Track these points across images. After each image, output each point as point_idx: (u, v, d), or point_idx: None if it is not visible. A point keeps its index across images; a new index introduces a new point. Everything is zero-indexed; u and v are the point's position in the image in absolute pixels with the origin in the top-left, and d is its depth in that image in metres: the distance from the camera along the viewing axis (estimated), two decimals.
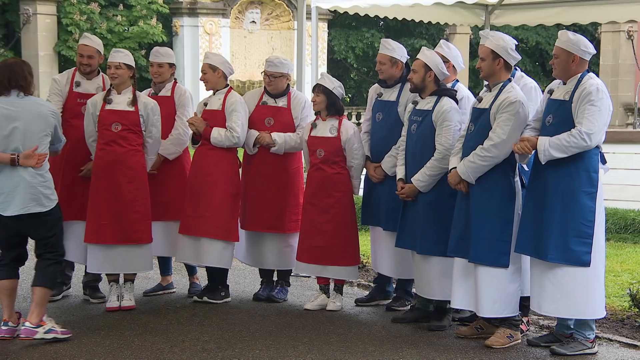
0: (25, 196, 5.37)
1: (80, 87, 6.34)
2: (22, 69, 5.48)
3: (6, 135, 5.36)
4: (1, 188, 5.38)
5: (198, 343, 5.43)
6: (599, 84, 5.15)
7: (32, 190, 5.38)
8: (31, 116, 5.42)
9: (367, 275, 7.39)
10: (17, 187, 5.35)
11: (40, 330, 5.36)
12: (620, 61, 23.41)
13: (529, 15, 9.60)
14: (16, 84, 5.43)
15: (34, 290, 5.46)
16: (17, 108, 5.41)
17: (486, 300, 5.38)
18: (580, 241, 5.13)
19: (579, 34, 5.31)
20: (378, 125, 6.28)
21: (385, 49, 6.23)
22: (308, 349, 5.34)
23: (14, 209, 5.36)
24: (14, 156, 5.34)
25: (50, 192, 5.48)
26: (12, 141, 5.37)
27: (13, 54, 20.95)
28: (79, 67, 6.39)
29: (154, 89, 6.58)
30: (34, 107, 5.46)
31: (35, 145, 5.38)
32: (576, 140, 5.06)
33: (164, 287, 6.80)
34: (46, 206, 5.43)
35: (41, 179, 5.42)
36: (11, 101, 5.43)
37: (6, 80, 5.43)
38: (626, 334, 5.75)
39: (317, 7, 8.44)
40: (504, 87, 5.43)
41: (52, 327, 5.42)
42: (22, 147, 5.38)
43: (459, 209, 5.55)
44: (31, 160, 5.37)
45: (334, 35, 26.05)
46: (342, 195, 6.29)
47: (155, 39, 21.06)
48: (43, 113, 5.48)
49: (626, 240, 9.10)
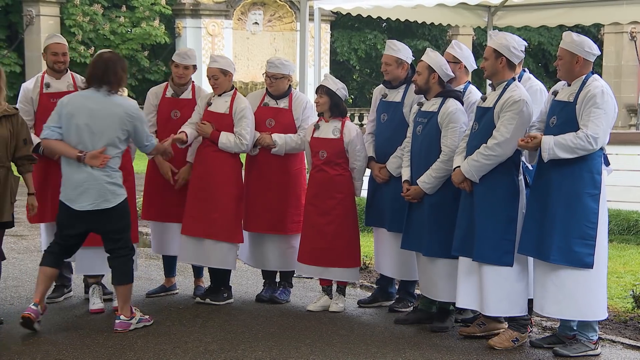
0: (94, 192, 5.50)
1: (51, 88, 6.32)
2: (116, 65, 5.58)
3: (78, 129, 5.48)
4: (70, 181, 5.53)
5: (201, 344, 5.43)
6: (603, 86, 5.14)
7: (100, 187, 5.51)
8: (106, 115, 5.51)
9: (369, 277, 7.39)
10: (85, 182, 5.49)
11: (133, 322, 5.66)
12: (623, 62, 23.40)
13: (532, 16, 9.61)
14: (107, 80, 5.53)
15: (117, 289, 5.69)
16: (97, 105, 5.52)
17: (492, 299, 5.38)
18: (583, 243, 5.12)
19: (581, 35, 5.31)
20: (383, 126, 6.28)
21: (391, 50, 6.22)
22: (310, 350, 5.34)
23: (83, 204, 5.50)
24: (80, 154, 5.46)
25: (117, 187, 5.59)
26: (82, 136, 5.48)
27: (16, 55, 21.01)
28: (53, 67, 6.34)
29: (175, 91, 6.53)
30: (111, 107, 5.53)
31: (103, 147, 5.49)
32: (582, 143, 5.06)
33: (167, 288, 6.80)
34: (113, 202, 5.54)
35: (108, 176, 5.51)
36: (95, 97, 5.54)
37: (100, 74, 5.53)
38: (629, 336, 5.74)
39: (319, 9, 8.45)
40: (508, 86, 5.43)
41: (140, 316, 5.73)
42: (91, 144, 5.48)
43: (463, 208, 5.55)
44: (96, 161, 5.48)
45: (337, 36, 26.06)
46: (344, 196, 6.29)
47: (157, 41, 21.10)
48: (118, 114, 5.54)
49: (629, 242, 9.09)
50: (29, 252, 8.41)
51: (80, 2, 20.96)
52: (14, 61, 20.88)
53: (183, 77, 6.48)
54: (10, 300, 6.51)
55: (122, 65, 5.62)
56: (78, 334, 5.59)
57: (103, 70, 5.52)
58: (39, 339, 5.48)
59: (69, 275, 6.64)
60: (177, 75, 6.50)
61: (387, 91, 6.30)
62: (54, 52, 6.33)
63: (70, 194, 5.54)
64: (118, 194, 5.58)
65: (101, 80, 5.52)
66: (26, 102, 6.30)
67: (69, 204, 5.55)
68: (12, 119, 5.73)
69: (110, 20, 21.50)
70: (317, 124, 6.32)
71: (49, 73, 6.39)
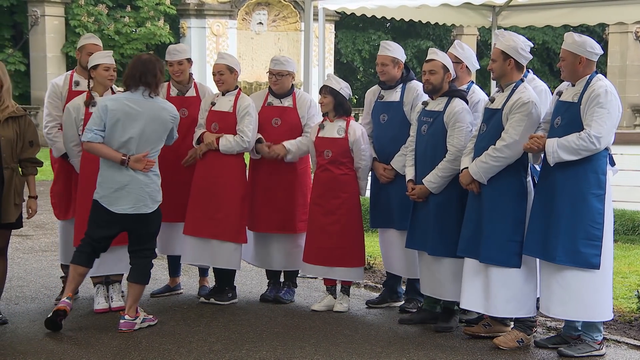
0: (134, 196, 5.55)
1: (80, 86, 6.34)
2: (154, 66, 5.59)
3: (123, 133, 5.50)
4: (111, 182, 5.56)
5: (205, 344, 5.44)
6: (607, 86, 5.13)
7: (140, 192, 5.56)
8: (150, 120, 5.54)
9: (373, 277, 7.39)
10: (127, 186, 5.54)
11: (137, 321, 5.67)
12: (628, 62, 23.37)
13: (537, 16, 9.58)
14: (145, 81, 5.54)
15: (130, 286, 5.71)
16: (140, 108, 5.54)
17: (499, 300, 5.37)
18: (589, 243, 5.11)
19: (586, 34, 5.29)
20: (384, 127, 6.27)
21: (386, 50, 6.24)
22: (315, 350, 5.34)
23: (123, 207, 5.55)
24: (124, 157, 5.50)
25: (157, 193, 5.64)
26: (126, 140, 5.51)
27: (21, 55, 21.05)
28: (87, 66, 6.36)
29: (179, 90, 6.53)
30: (155, 111, 5.56)
31: (146, 151, 5.53)
32: (585, 144, 5.05)
33: (171, 288, 6.81)
34: (151, 207, 5.61)
35: (150, 180, 5.58)
36: (136, 99, 5.55)
37: (138, 75, 5.54)
38: (634, 336, 5.73)
39: (324, 9, 8.44)
40: (516, 87, 5.42)
41: (145, 316, 5.74)
42: (135, 148, 5.51)
43: (470, 209, 5.54)
44: (140, 165, 5.53)
45: (341, 37, 26.06)
46: (349, 196, 6.28)
47: (162, 40, 21.10)
48: (163, 118, 5.59)
49: (634, 242, 9.07)
50: (34, 252, 8.43)
51: (85, 3, 20.98)
52: (19, 60, 20.92)
53: (179, 73, 6.48)
54: (15, 300, 6.52)
55: (160, 67, 5.64)
56: (83, 334, 5.60)
57: (141, 72, 5.54)
58: (44, 339, 5.49)
59: None
60: (173, 73, 6.51)
61: (383, 92, 6.31)
62: (89, 52, 6.32)
63: (110, 196, 5.57)
64: (157, 200, 5.65)
65: (139, 81, 5.54)
66: (56, 98, 6.33)
67: (107, 206, 5.57)
68: (19, 120, 5.73)
69: (115, 20, 21.51)
70: (322, 124, 6.32)
71: (78, 72, 6.42)
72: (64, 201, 6.37)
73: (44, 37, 20.60)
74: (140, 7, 21.78)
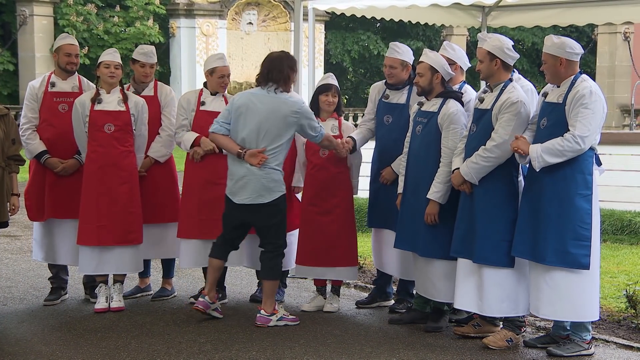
0: (251, 187, 5.71)
1: (56, 87, 6.32)
2: (281, 63, 5.74)
3: (245, 127, 5.65)
4: (232, 174, 5.79)
5: (195, 345, 5.43)
6: (592, 86, 5.14)
7: (257, 182, 5.70)
8: (270, 114, 5.67)
9: (363, 277, 7.39)
10: (245, 177, 5.71)
11: (273, 318, 5.80)
12: (617, 62, 23.45)
13: (526, 16, 9.61)
14: (272, 77, 5.68)
15: (263, 283, 5.95)
16: (261, 104, 5.69)
17: (493, 300, 5.38)
18: (578, 244, 5.12)
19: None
20: (388, 129, 6.22)
21: (395, 53, 6.17)
22: (305, 351, 5.34)
23: (242, 198, 5.73)
24: (241, 151, 5.67)
25: (275, 184, 5.74)
26: (247, 134, 5.67)
27: (10, 55, 20.95)
28: (65, 67, 6.33)
29: (136, 88, 6.47)
30: (276, 106, 5.68)
31: (263, 147, 5.65)
32: (570, 144, 5.06)
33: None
34: (267, 198, 5.72)
35: (266, 173, 5.69)
36: (260, 95, 5.72)
37: (265, 72, 5.71)
38: (622, 335, 5.75)
39: (314, 9, 8.43)
40: (505, 87, 5.43)
41: (283, 314, 5.86)
42: (255, 142, 5.67)
43: (463, 209, 5.54)
44: (254, 159, 5.66)
45: (330, 38, 26.06)
46: (346, 194, 6.28)
47: (152, 40, 21.05)
48: (282, 112, 5.69)
49: (622, 242, 9.10)
50: (22, 253, 8.39)
51: (73, 2, 20.90)
52: (7, 59, 20.84)
53: (148, 75, 6.46)
54: (3, 300, 6.49)
55: (290, 64, 5.78)
56: (72, 335, 5.58)
57: (269, 69, 5.71)
58: (32, 340, 5.47)
59: (66, 277, 6.61)
60: (143, 75, 6.45)
61: (389, 92, 6.27)
62: (67, 53, 6.32)
63: (232, 188, 5.78)
64: (274, 191, 5.75)
65: (267, 78, 5.70)
66: (32, 100, 6.32)
67: (231, 197, 5.78)
68: (4, 119, 5.72)
69: (104, 19, 21.44)
70: None
71: (56, 73, 6.39)
72: (39, 203, 6.30)
73: (33, 37, 20.52)
74: (130, 6, 21.73)
